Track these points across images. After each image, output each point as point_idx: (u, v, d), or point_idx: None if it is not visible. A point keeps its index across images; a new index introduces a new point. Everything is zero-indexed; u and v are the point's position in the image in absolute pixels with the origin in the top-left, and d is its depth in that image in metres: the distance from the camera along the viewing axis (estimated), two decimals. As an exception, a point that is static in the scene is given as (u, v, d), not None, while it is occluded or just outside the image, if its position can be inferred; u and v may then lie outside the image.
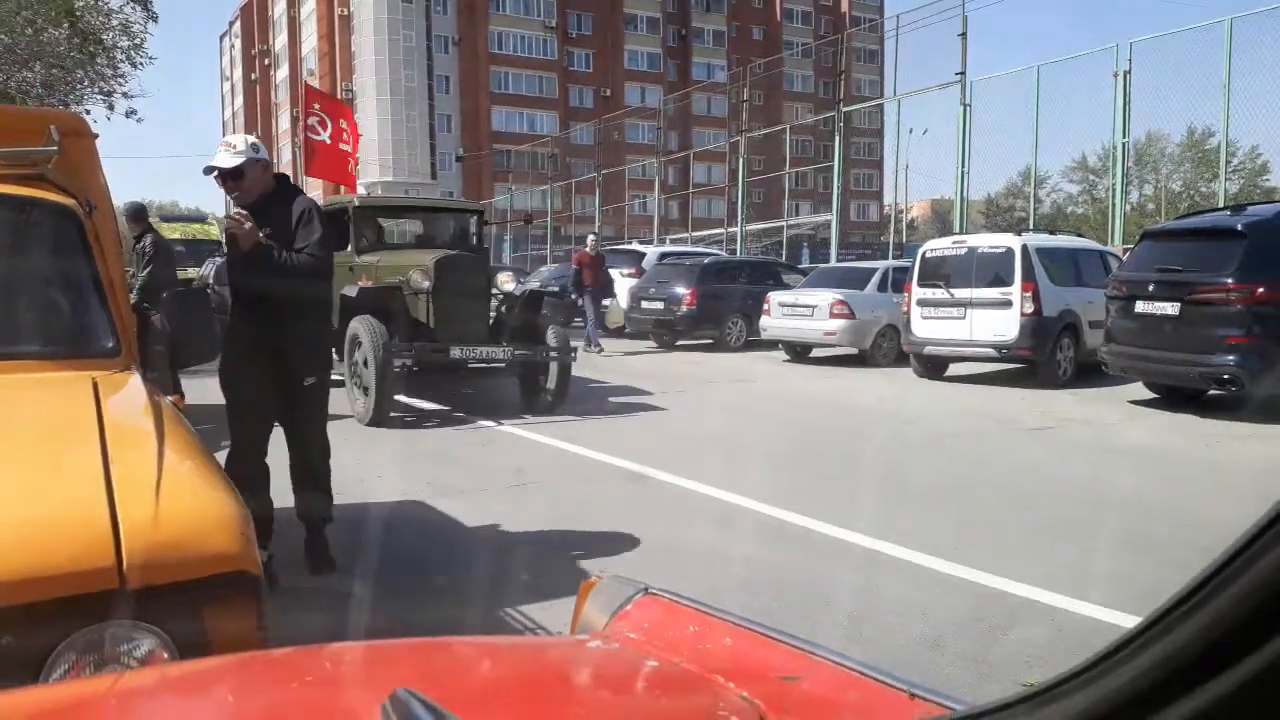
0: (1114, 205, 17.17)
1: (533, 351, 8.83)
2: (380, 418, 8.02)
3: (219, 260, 17.07)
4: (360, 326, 8.14)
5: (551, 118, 65.06)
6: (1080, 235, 14.64)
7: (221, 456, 6.60)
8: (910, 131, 23.21)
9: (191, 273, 19.93)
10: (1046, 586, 3.91)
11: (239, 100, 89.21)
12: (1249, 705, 0.40)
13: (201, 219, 27.21)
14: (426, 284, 8.48)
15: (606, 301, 16.08)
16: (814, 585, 4.11)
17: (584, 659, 1.01)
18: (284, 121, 75.38)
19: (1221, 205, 11.85)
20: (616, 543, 4.62)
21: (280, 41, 77.57)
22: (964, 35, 19.22)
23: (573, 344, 9.25)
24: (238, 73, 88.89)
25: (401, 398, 9.02)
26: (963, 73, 19.15)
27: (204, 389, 8.83)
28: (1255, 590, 0.40)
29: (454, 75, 65.72)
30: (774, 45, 68.63)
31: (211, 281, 15.97)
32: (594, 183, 34.31)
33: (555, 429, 8.07)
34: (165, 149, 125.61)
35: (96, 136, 3.16)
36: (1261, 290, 8.14)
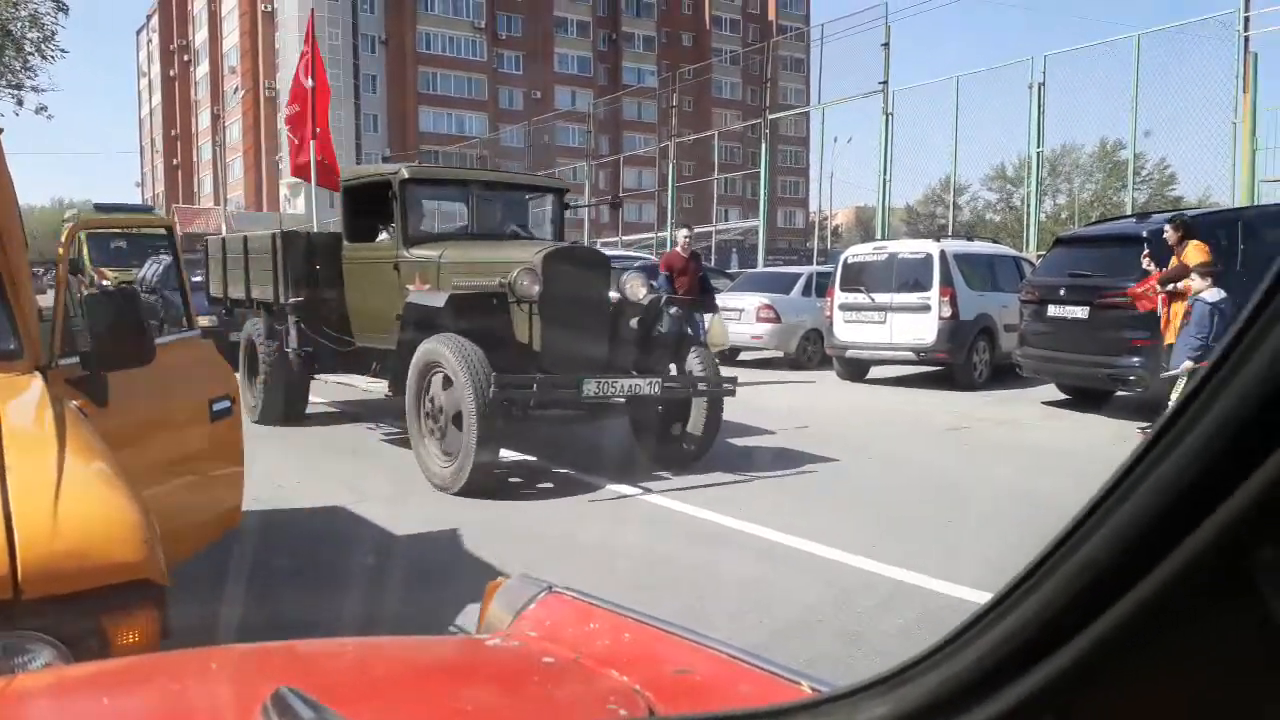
0: (1029, 213, 17.71)
1: (681, 383, 6.44)
2: (479, 482, 5.59)
3: (165, 259, 14.88)
4: (448, 352, 5.68)
5: (481, 119, 64.55)
6: (996, 242, 15.05)
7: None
8: (835, 140, 23.66)
9: (122, 274, 17.46)
10: (955, 579, 4.01)
11: (157, 97, 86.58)
12: (1083, 680, 0.43)
13: (146, 209, 24.57)
14: (536, 289, 6.00)
15: (708, 317, 11.89)
16: (727, 578, 4.16)
17: (476, 656, 1.02)
18: (204, 119, 73.46)
19: (1129, 213, 12.31)
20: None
21: (201, 37, 75.54)
22: (887, 45, 19.63)
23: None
24: (155, 69, 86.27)
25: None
26: (885, 82, 19.56)
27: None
28: (1083, 571, 0.43)
29: (381, 75, 64.82)
30: (703, 52, 69.10)
31: (154, 283, 14.24)
32: (523, 186, 34.04)
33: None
34: (80, 146, 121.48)
35: (0, 131, 3.04)
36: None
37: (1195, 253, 7.86)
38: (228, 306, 9.70)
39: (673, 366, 6.69)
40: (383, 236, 7.42)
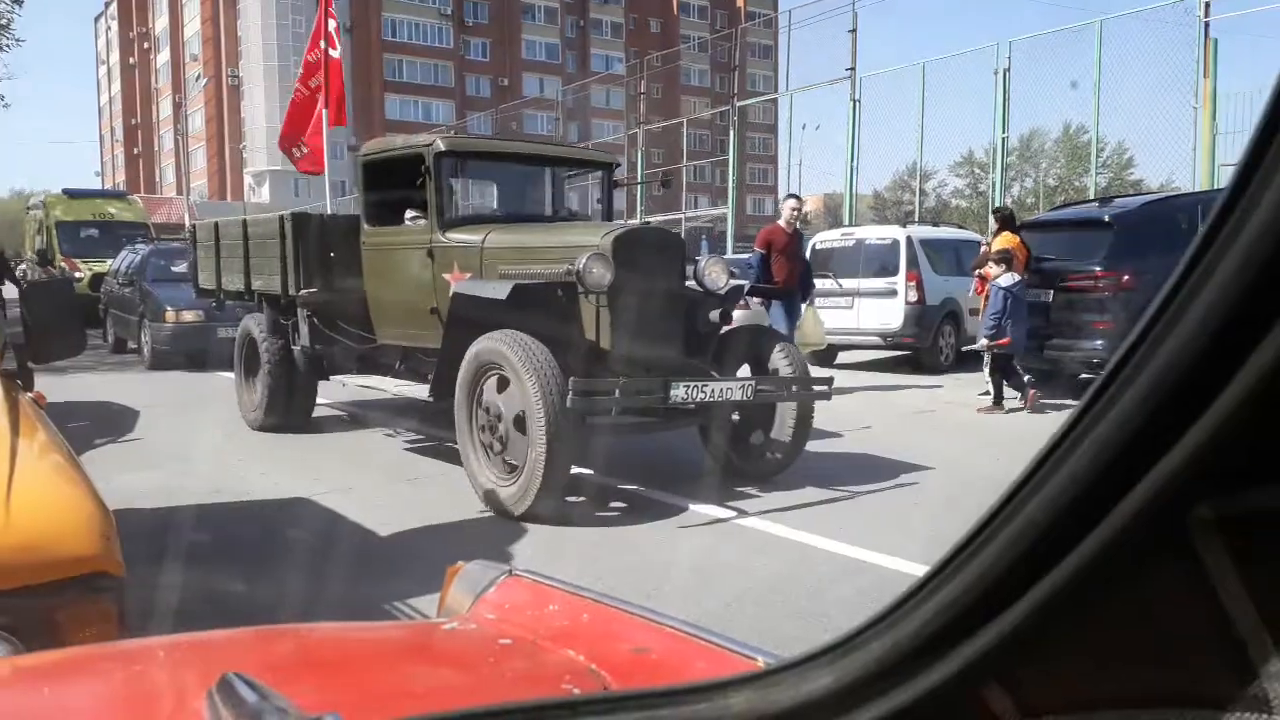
0: (995, 199, 17.87)
1: (774, 386, 5.58)
2: (547, 502, 4.79)
3: (143, 248, 14.43)
4: (510, 352, 4.87)
5: (448, 106, 64.11)
6: (962, 227, 15.18)
7: (93, 455, 6.33)
8: (804, 127, 23.70)
9: (95, 265, 16.58)
10: (911, 558, 4.01)
11: (116, 85, 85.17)
12: (1025, 644, 0.43)
13: (120, 195, 21.91)
14: (608, 278, 5.13)
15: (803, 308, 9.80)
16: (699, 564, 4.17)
17: (431, 640, 1.02)
18: (165, 108, 72.38)
19: (1091, 198, 12.46)
20: None
21: (161, 24, 74.36)
22: (854, 31, 19.68)
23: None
24: (115, 56, 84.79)
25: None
26: (852, 68, 19.62)
27: (66, 387, 8.31)
28: (1021, 536, 0.43)
29: (347, 62, 64.11)
30: (671, 39, 68.99)
31: (131, 275, 13.48)
32: (491, 174, 33.88)
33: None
34: (41, 135, 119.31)
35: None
36: (1127, 278, 8.59)
37: (999, 242, 8.81)
38: (219, 300, 8.77)
39: (744, 365, 5.90)
40: (409, 219, 6.47)
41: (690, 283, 5.76)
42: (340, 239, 6.93)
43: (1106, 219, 9.14)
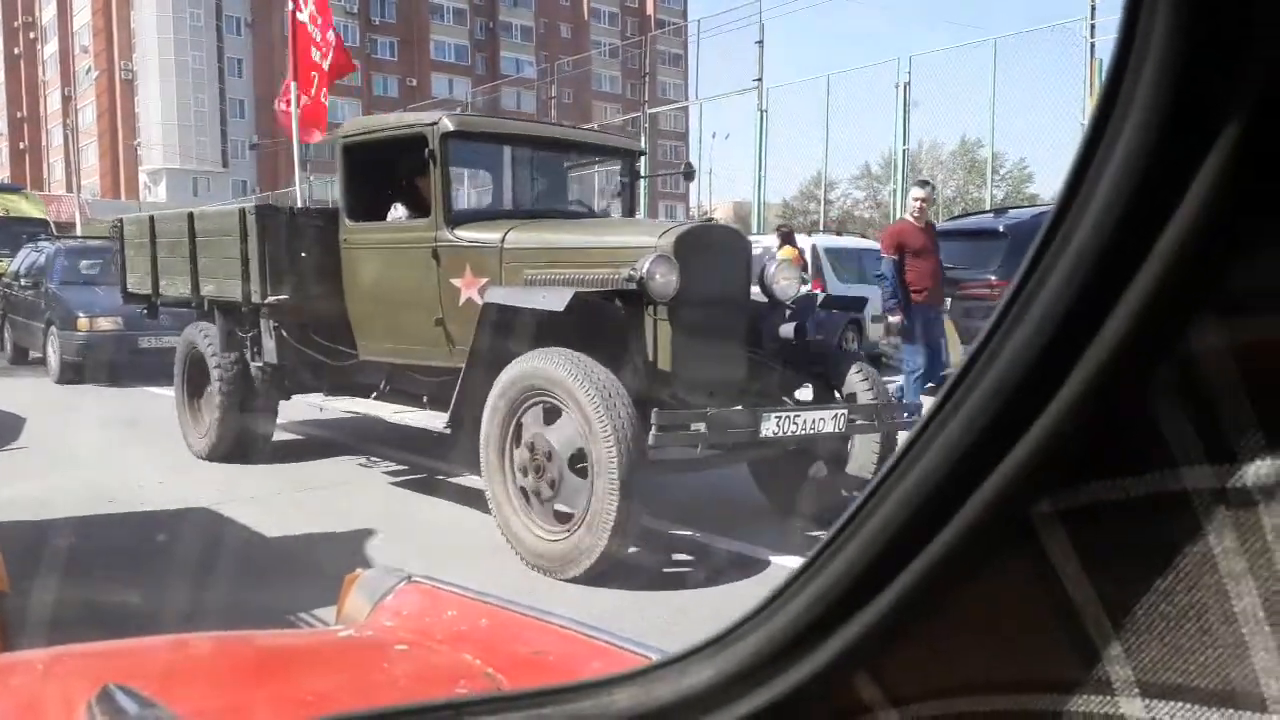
0: (894, 209, 18.37)
1: (864, 415, 4.68)
2: (613, 556, 3.96)
3: (48, 246, 12.85)
4: (572, 378, 4.01)
5: (353, 106, 62.70)
6: (865, 237, 15.57)
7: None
8: (714, 135, 23.97)
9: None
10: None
11: (0, 76, 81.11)
12: (889, 635, 0.45)
13: (14, 189, 19.85)
14: (673, 284, 4.30)
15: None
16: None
17: (325, 647, 1.00)
18: (54, 101, 69.18)
19: (987, 209, 12.93)
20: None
21: (49, 14, 71.07)
22: (761, 43, 20.04)
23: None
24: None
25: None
26: (759, 79, 19.95)
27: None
28: (882, 530, 0.45)
29: (248, 58, 62.38)
30: (582, 44, 69.03)
31: (35, 276, 12.08)
32: (399, 176, 33.39)
33: None
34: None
35: None
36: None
37: (781, 255, 9.36)
38: (152, 306, 7.57)
39: (807, 385, 5.05)
40: (396, 214, 5.62)
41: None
42: (314, 237, 5.93)
43: (1001, 229, 9.50)
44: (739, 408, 4.32)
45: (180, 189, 55.01)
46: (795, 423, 4.36)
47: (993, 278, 9.12)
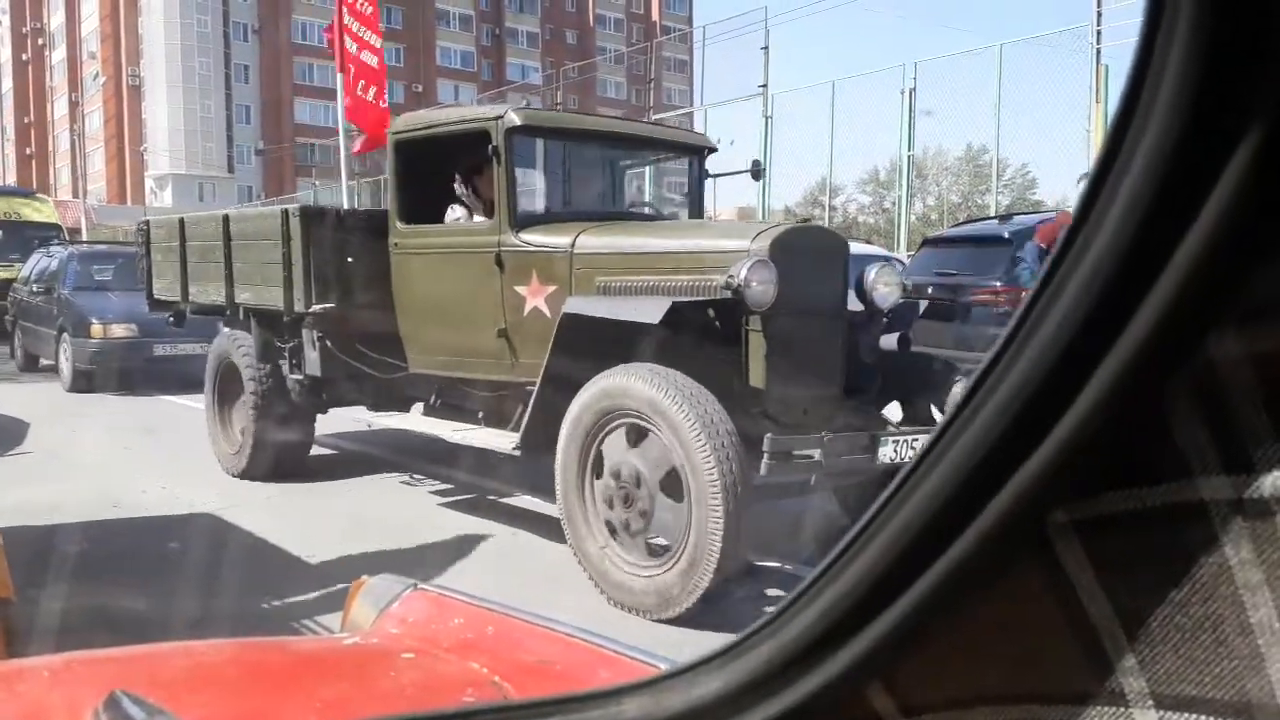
0: (900, 215, 18.37)
1: None
2: (714, 594, 3.64)
3: (60, 251, 12.69)
4: (666, 398, 3.65)
5: (359, 113, 63.02)
6: (869, 243, 15.54)
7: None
8: (718, 141, 24.03)
9: (4, 271, 14.28)
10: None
11: (7, 83, 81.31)
12: (904, 643, 0.45)
13: (25, 194, 19.48)
14: (772, 292, 3.96)
15: None
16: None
17: (330, 654, 1.00)
18: (61, 107, 69.51)
19: (992, 215, 12.91)
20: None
21: (57, 20, 71.39)
22: (766, 49, 20.04)
23: None
24: (5, 52, 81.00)
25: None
26: (765, 85, 19.96)
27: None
28: (899, 538, 0.44)
29: (254, 65, 62.57)
30: (587, 50, 69.13)
31: (47, 282, 11.90)
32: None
33: None
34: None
35: None
36: (1025, 292, 8.97)
37: None
38: (179, 314, 7.24)
39: (895, 405, 4.64)
40: (454, 215, 5.27)
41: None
42: (360, 241, 5.61)
43: (1006, 235, 9.47)
44: (856, 431, 3.95)
45: (186, 194, 55.19)
46: (913, 447, 3.91)
47: (998, 284, 9.10)
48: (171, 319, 7.49)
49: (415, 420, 5.47)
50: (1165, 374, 0.36)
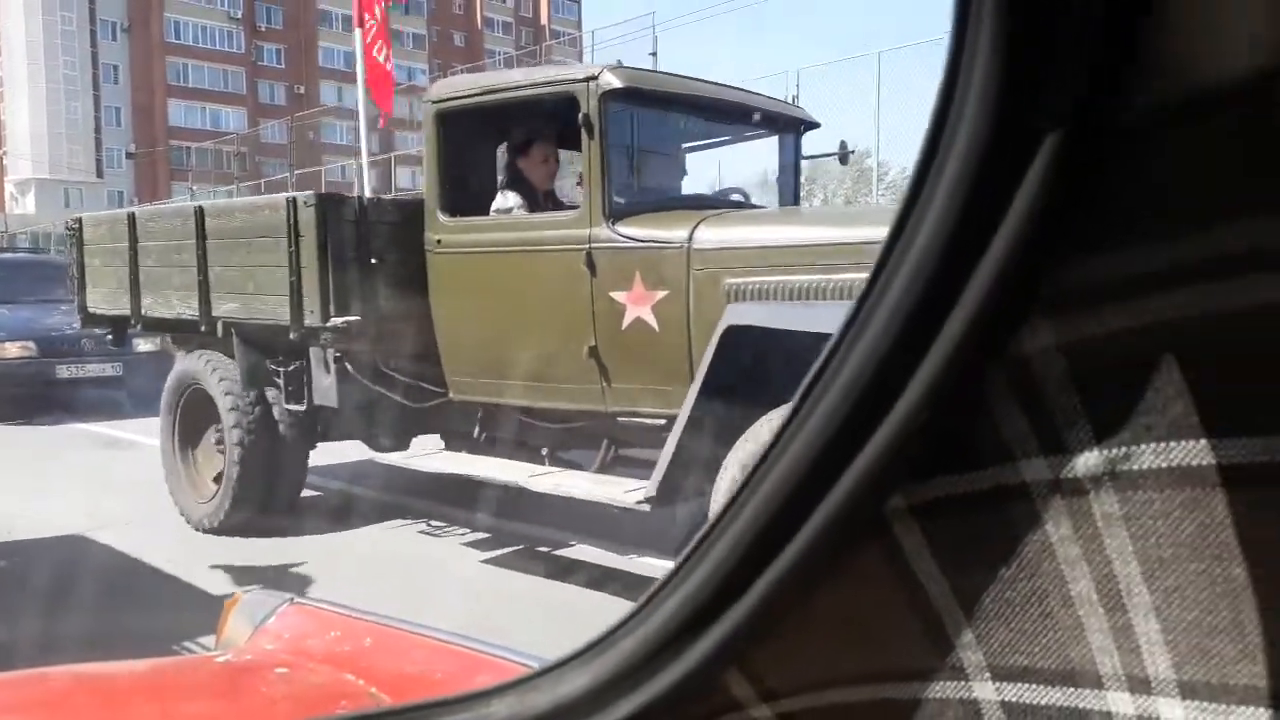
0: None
1: None
2: None
3: None
4: None
5: (239, 114, 60.87)
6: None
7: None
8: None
9: None
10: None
11: None
12: (757, 631, 0.46)
13: None
14: None
15: None
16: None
17: (200, 673, 0.97)
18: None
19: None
20: None
21: (-98, 14, 66.92)
22: (654, 54, 20.17)
23: None
24: None
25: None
26: (654, 89, 20.07)
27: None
28: (748, 529, 0.45)
29: (124, 64, 59.82)
30: (476, 53, 68.44)
31: None
32: (287, 183, 32.57)
33: None
34: None
35: None
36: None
37: None
38: (118, 331, 6.13)
39: None
40: (506, 203, 4.37)
41: None
42: (388, 237, 4.57)
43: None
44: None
45: (50, 200, 52.39)
46: None
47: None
48: (109, 335, 6.33)
49: (469, 461, 4.50)
50: (986, 362, 0.38)
